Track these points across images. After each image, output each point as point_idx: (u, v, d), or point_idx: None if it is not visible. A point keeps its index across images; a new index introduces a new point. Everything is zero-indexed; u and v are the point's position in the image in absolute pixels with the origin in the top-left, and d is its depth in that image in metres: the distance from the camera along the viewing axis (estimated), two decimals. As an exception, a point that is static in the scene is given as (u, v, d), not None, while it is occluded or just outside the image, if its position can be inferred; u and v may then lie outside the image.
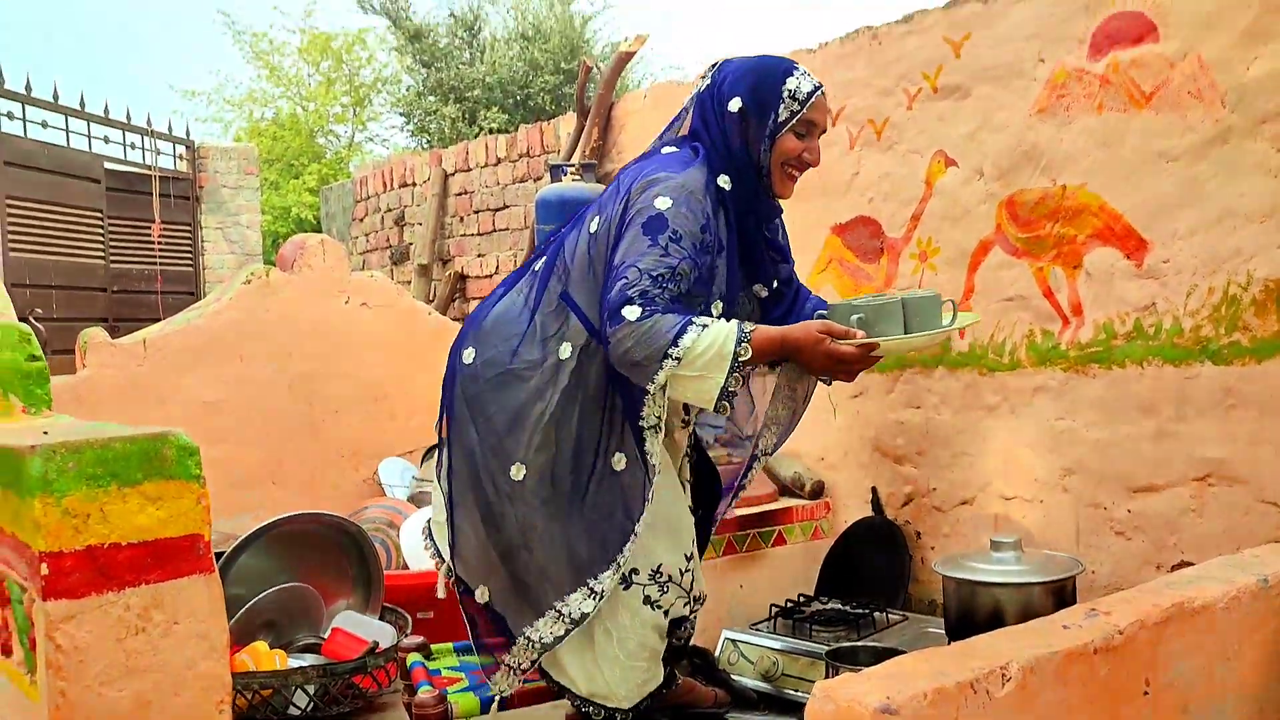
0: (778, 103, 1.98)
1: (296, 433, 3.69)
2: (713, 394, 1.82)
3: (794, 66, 2.03)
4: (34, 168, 5.91)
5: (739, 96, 2.00)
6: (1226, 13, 2.50)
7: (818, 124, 2.02)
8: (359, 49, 16.49)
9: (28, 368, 1.53)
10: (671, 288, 1.85)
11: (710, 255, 1.93)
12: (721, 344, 1.80)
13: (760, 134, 1.99)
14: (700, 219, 1.90)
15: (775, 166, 2.02)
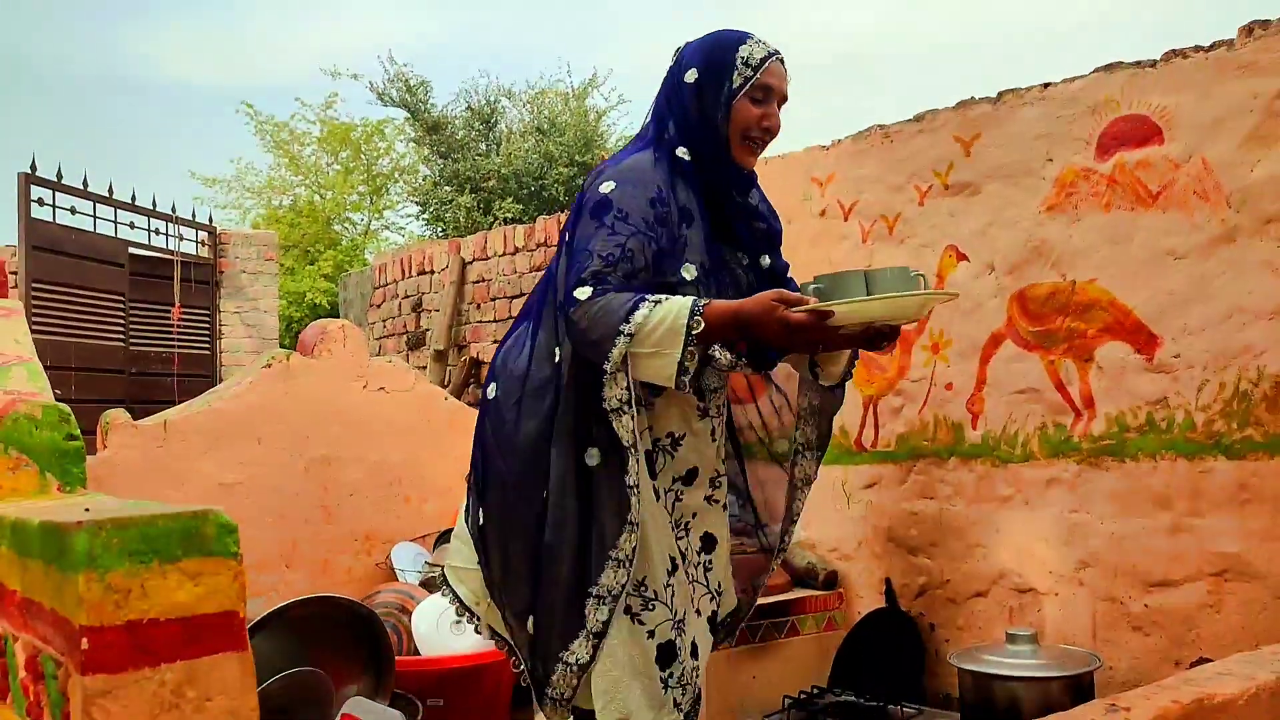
0: (731, 70, 1.94)
1: (311, 516, 3.71)
2: (670, 370, 1.76)
3: (748, 35, 1.99)
4: (60, 252, 6.03)
5: (694, 68, 1.98)
6: (1229, 118, 2.58)
7: (774, 89, 1.96)
8: (377, 139, 16.85)
9: (65, 446, 1.57)
10: (625, 266, 1.82)
11: (669, 227, 1.88)
12: (674, 318, 1.74)
13: (716, 102, 1.95)
14: (649, 193, 1.87)
15: (735, 135, 1.96)
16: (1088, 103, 2.87)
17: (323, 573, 3.72)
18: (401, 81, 14.20)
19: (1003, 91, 3.11)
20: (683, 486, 2.03)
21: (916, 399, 3.27)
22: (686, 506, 2.05)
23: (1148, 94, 2.74)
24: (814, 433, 2.21)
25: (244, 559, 1.20)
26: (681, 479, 2.03)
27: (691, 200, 1.94)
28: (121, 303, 6.53)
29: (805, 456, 2.21)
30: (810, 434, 2.21)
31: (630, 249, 1.82)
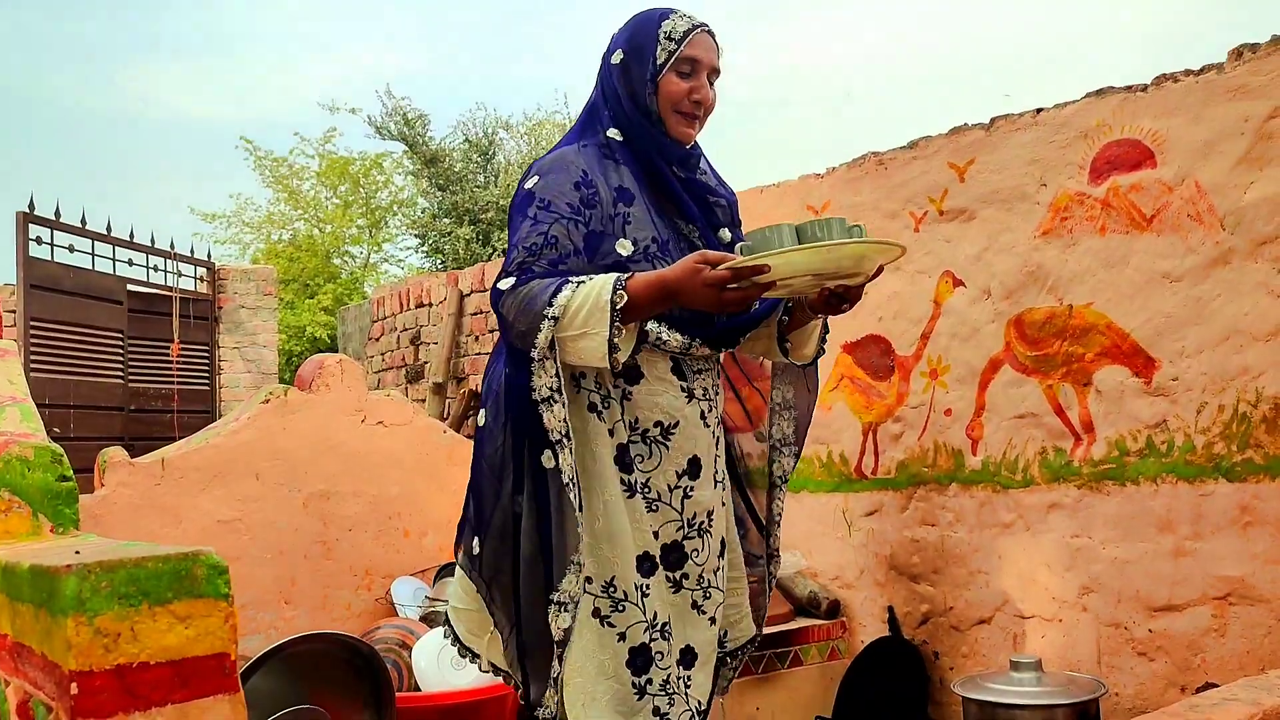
0: (655, 46, 1.90)
1: (310, 551, 3.69)
2: (601, 350, 1.69)
3: (672, 11, 1.95)
4: (59, 290, 6.04)
5: (620, 48, 1.95)
6: (1220, 141, 2.58)
7: (700, 61, 1.91)
8: (376, 173, 16.93)
9: (58, 488, 1.56)
10: (549, 253, 1.78)
11: (599, 208, 1.84)
12: (598, 295, 1.69)
13: (642, 79, 1.91)
14: (572, 178, 1.84)
15: (665, 111, 1.91)
16: (1080, 127, 2.88)
17: (322, 608, 3.70)
18: (400, 115, 14.29)
19: (995, 117, 3.12)
20: (690, 481, 1.92)
21: (916, 425, 3.27)
22: (699, 504, 1.93)
23: (1139, 118, 2.75)
24: (790, 426, 2.12)
25: (242, 596, 1.19)
26: (686, 472, 1.91)
27: (629, 179, 1.90)
28: (120, 340, 6.53)
29: (782, 452, 2.12)
30: (786, 428, 2.13)
31: (554, 235, 1.79)
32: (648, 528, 1.88)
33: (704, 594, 1.95)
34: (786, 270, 1.68)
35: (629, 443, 1.87)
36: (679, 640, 1.92)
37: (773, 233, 1.72)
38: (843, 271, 1.74)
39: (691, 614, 1.94)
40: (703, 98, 1.92)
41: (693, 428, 1.92)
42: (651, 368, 1.88)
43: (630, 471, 1.87)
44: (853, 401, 3.45)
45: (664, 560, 1.90)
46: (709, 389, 1.97)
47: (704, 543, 1.94)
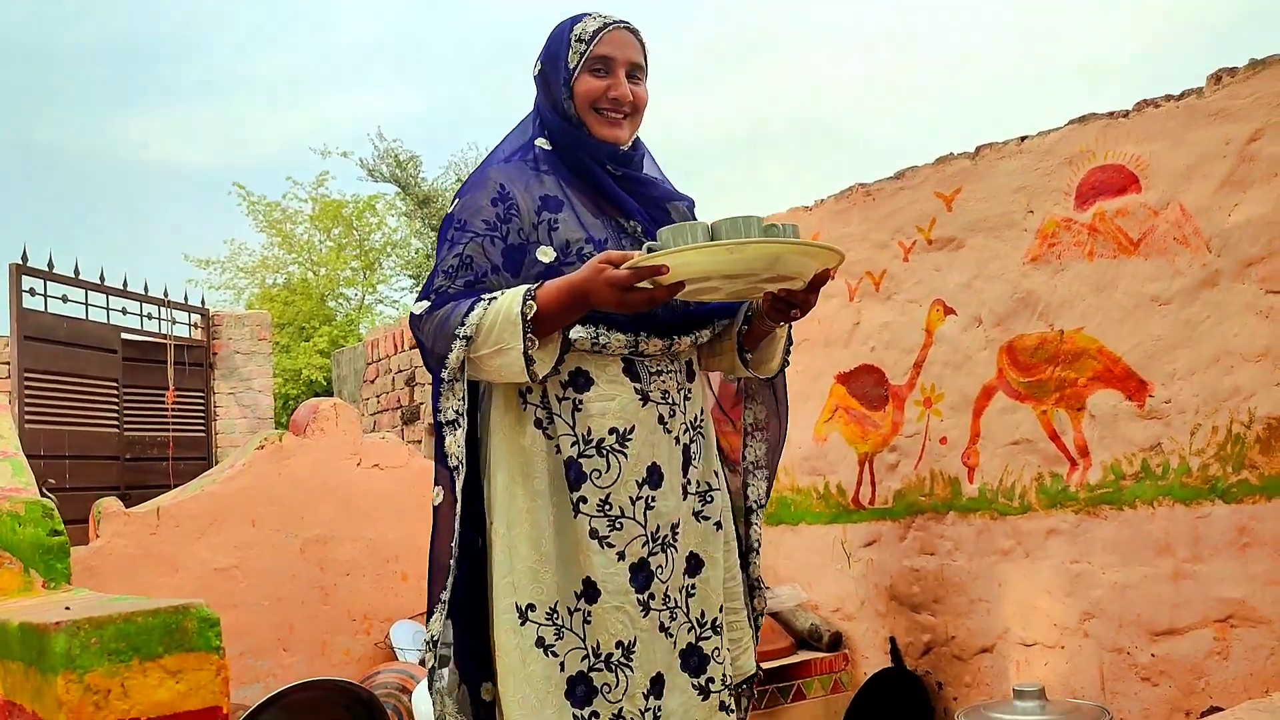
0: (567, 50, 1.87)
1: (308, 597, 3.68)
2: (519, 364, 1.64)
3: (588, 13, 1.91)
4: (53, 341, 6.04)
5: (539, 59, 1.94)
6: (1203, 165, 2.60)
7: (614, 58, 1.86)
8: (369, 215, 17.01)
9: (49, 542, 1.55)
10: (465, 274, 1.75)
11: (517, 220, 1.80)
12: (508, 309, 1.65)
13: (559, 84, 1.88)
14: (489, 194, 1.80)
15: (584, 111, 1.87)
16: (1064, 154, 2.90)
17: (321, 654, 3.68)
18: (391, 157, 14.39)
19: (980, 146, 3.14)
20: (651, 490, 1.81)
21: (912, 454, 3.26)
22: (662, 515, 1.82)
23: (1122, 143, 2.77)
24: (762, 448, 2.05)
25: (240, 643, 1.19)
26: (646, 481, 1.81)
27: (556, 186, 1.86)
28: (115, 388, 6.53)
29: (755, 476, 2.04)
30: (759, 450, 2.05)
31: (469, 254, 1.76)
32: (598, 550, 1.77)
33: (670, 615, 1.83)
34: (688, 271, 1.59)
35: (580, 457, 1.78)
36: (648, 667, 1.80)
37: (682, 231, 1.62)
38: (760, 273, 1.63)
39: (659, 637, 1.82)
40: (620, 94, 1.87)
41: (650, 433, 1.82)
42: (602, 372, 1.80)
43: (578, 489, 1.77)
44: (848, 432, 3.45)
45: (634, 581, 1.78)
46: (670, 392, 1.85)
47: (668, 558, 1.83)
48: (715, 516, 1.91)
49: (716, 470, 1.93)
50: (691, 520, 1.88)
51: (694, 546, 1.88)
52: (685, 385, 1.90)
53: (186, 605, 1.19)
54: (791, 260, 1.63)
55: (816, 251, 1.65)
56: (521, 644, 1.74)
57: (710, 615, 1.88)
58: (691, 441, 1.88)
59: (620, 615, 1.77)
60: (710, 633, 1.86)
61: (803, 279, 1.69)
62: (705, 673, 1.85)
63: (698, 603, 1.87)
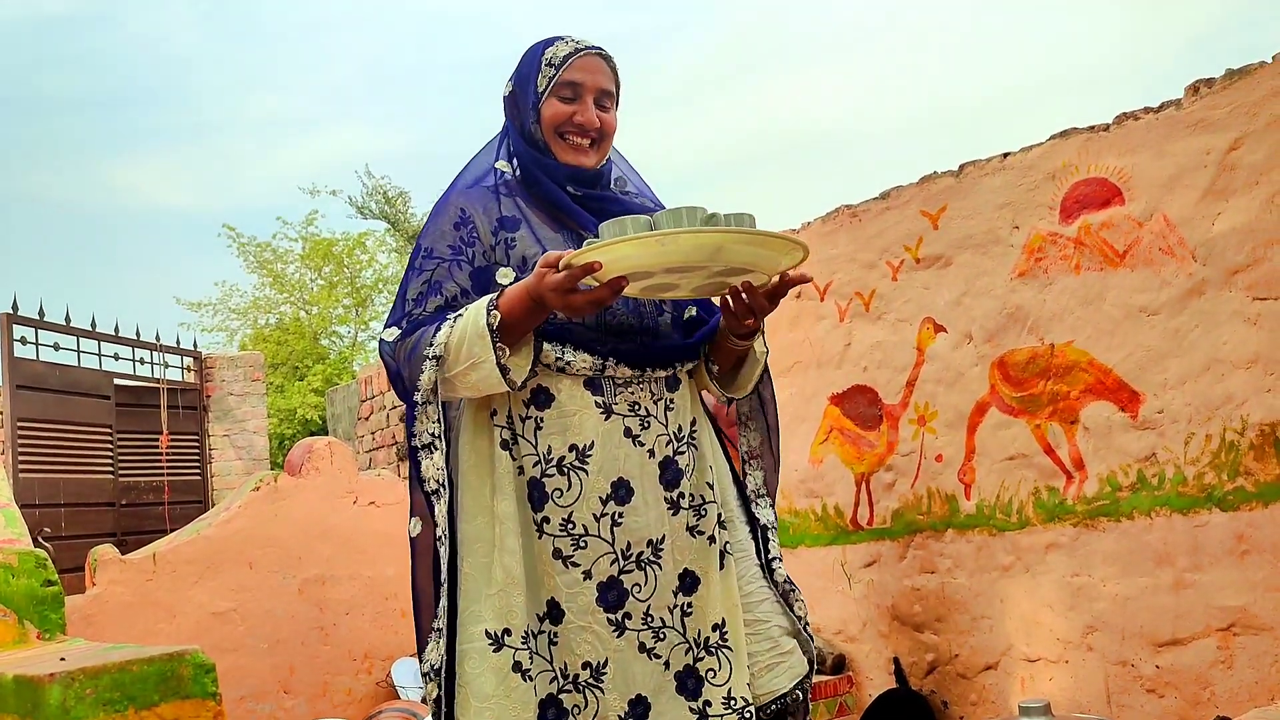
0: (537, 73, 1.86)
1: (307, 638, 3.65)
2: (494, 375, 1.62)
3: (560, 37, 1.89)
4: (45, 389, 6.03)
5: (510, 81, 1.93)
6: (1185, 175, 2.62)
7: (582, 84, 1.85)
8: (359, 252, 17.04)
9: (43, 593, 1.54)
10: (435, 298, 1.76)
11: (478, 244, 1.80)
12: (474, 322, 1.63)
13: (527, 107, 1.87)
14: (452, 219, 1.81)
15: (551, 137, 1.86)
16: (1047, 169, 2.92)
17: (322, 695, 3.65)
18: (380, 194, 14.44)
19: (964, 164, 3.16)
20: (618, 507, 1.74)
21: (908, 473, 3.26)
22: (634, 532, 1.75)
23: (1104, 156, 2.79)
24: (760, 475, 1.98)
25: (240, 687, 1.17)
26: (611, 497, 1.75)
27: (515, 207, 1.86)
28: (109, 435, 6.51)
29: (759, 505, 1.97)
30: (758, 479, 1.98)
31: (437, 279, 1.77)
32: (562, 570, 1.73)
33: (654, 635, 1.76)
34: (624, 265, 1.51)
35: (543, 477, 1.75)
36: (624, 689, 1.74)
37: (621, 224, 1.54)
38: (709, 265, 1.54)
39: (640, 659, 1.75)
40: (585, 120, 1.85)
41: (614, 447, 1.76)
42: (562, 388, 1.76)
43: (541, 509, 1.74)
44: (844, 453, 3.45)
45: (602, 600, 1.73)
46: (640, 403, 1.79)
47: (648, 576, 1.75)
48: (709, 531, 1.81)
49: (710, 482, 1.84)
50: (684, 535, 1.79)
51: (688, 563, 1.79)
52: (665, 395, 1.82)
53: (182, 652, 1.19)
54: (738, 250, 1.51)
55: (766, 240, 1.52)
56: (499, 669, 1.70)
57: (705, 635, 1.78)
58: (677, 454, 1.80)
59: (587, 635, 1.73)
60: (704, 653, 1.77)
61: (763, 272, 1.60)
62: (701, 696, 1.76)
63: (695, 622, 1.78)
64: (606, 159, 1.93)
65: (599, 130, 1.86)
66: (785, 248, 1.56)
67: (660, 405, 1.80)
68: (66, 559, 4.90)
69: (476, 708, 1.70)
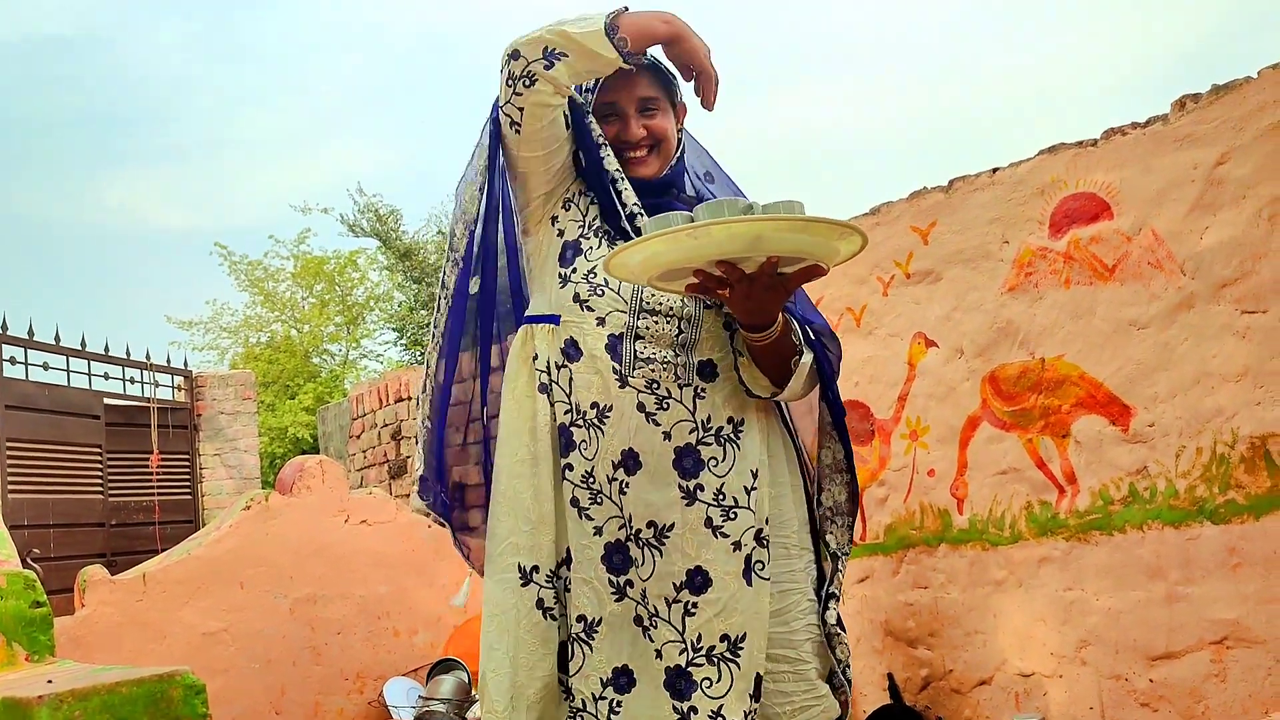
0: (580, 91, 1.86)
1: (299, 658, 3.63)
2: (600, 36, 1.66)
3: None
4: (34, 409, 6.00)
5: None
6: (1172, 190, 2.63)
7: (618, 101, 1.85)
8: (351, 270, 17.02)
9: (31, 614, 1.53)
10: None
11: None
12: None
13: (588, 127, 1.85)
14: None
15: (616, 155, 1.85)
16: (1036, 184, 2.93)
17: (314, 716, 3.63)
18: (372, 211, 14.43)
19: (953, 179, 3.18)
20: (626, 476, 1.72)
21: (900, 488, 3.26)
22: (638, 505, 1.71)
23: (1092, 172, 2.80)
24: (844, 493, 1.88)
25: (231, 709, 1.17)
26: (621, 464, 1.72)
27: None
28: (99, 454, 6.48)
29: (835, 524, 1.87)
30: (838, 494, 1.88)
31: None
32: (576, 520, 1.74)
33: (650, 618, 1.71)
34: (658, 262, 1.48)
35: (571, 426, 1.76)
36: (610, 654, 1.71)
37: (663, 220, 1.47)
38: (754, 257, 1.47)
39: (633, 630, 1.71)
40: (628, 136, 1.84)
41: (627, 418, 1.73)
42: (587, 346, 1.76)
43: (567, 455, 1.75)
44: (836, 468, 3.45)
45: (607, 560, 1.72)
46: (660, 382, 1.74)
47: (647, 557, 1.71)
48: (735, 536, 1.71)
49: (748, 486, 1.73)
50: (702, 531, 1.71)
51: (701, 561, 1.70)
52: (695, 382, 1.75)
53: (172, 673, 1.18)
54: (781, 239, 1.43)
55: (809, 225, 1.43)
56: (520, 604, 1.73)
57: (709, 642, 1.69)
58: (701, 443, 1.73)
59: (587, 589, 1.72)
60: (703, 659, 1.69)
61: (819, 260, 1.50)
62: (689, 700, 1.68)
63: (697, 624, 1.69)
64: (677, 163, 1.89)
65: (648, 139, 1.85)
66: (835, 233, 1.44)
67: (687, 390, 1.75)
68: (56, 580, 4.87)
69: (501, 637, 1.74)
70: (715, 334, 1.77)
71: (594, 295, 1.75)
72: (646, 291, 1.73)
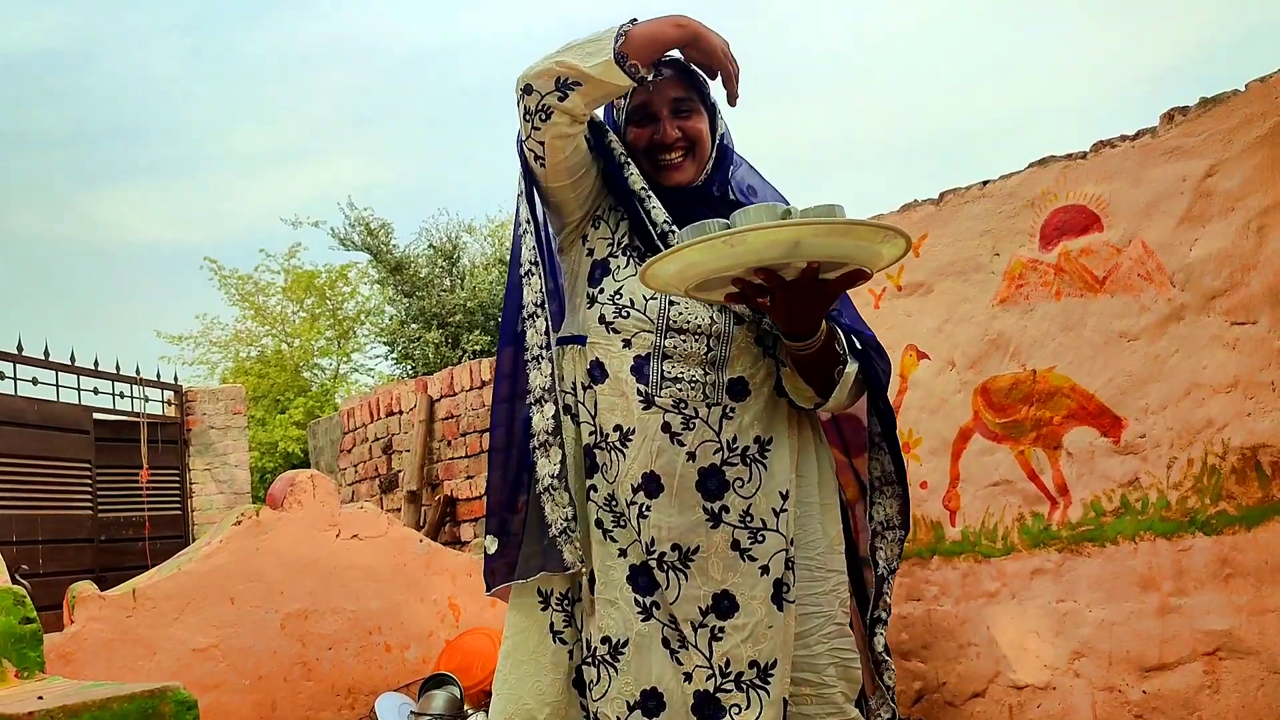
0: (612, 110, 1.84)
1: (290, 674, 3.61)
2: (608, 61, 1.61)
3: None
4: (23, 424, 5.98)
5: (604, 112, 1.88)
6: (1161, 202, 2.65)
7: (650, 103, 1.79)
8: (342, 284, 17.00)
9: (21, 631, 1.52)
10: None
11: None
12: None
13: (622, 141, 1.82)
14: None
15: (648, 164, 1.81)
16: (1026, 197, 2.94)
17: (305, 733, 3.60)
18: (363, 225, 14.39)
19: (944, 192, 3.19)
20: (647, 499, 1.68)
21: (892, 500, 3.26)
22: (659, 529, 1.67)
23: (1082, 184, 2.82)
24: (894, 505, 1.84)
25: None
26: (641, 488, 1.68)
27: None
28: (88, 470, 6.45)
29: (885, 539, 1.84)
30: (890, 508, 1.84)
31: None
32: (600, 541, 1.71)
33: (680, 640, 1.67)
34: (695, 272, 1.44)
35: (595, 447, 1.73)
36: (641, 675, 1.67)
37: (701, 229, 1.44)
38: (793, 263, 1.42)
39: (663, 653, 1.67)
40: (661, 137, 1.78)
41: (651, 440, 1.68)
42: (613, 368, 1.72)
43: (592, 477, 1.73)
44: (828, 481, 3.45)
45: (633, 580, 1.69)
46: (688, 402, 1.69)
47: (670, 581, 1.67)
48: (763, 560, 1.66)
49: (775, 509, 1.69)
50: (728, 554, 1.67)
51: (728, 585, 1.66)
52: (725, 401, 1.70)
53: (163, 689, 1.17)
54: (820, 244, 1.39)
55: (849, 229, 1.38)
56: (541, 627, 1.73)
57: (737, 668, 1.64)
58: (726, 464, 1.68)
59: (613, 610, 1.69)
60: (732, 685, 1.64)
61: (861, 265, 1.45)
62: None
63: (724, 650, 1.65)
64: (715, 171, 1.84)
65: (684, 140, 1.79)
66: (877, 236, 1.40)
67: (715, 410, 1.70)
68: (45, 597, 4.84)
69: (516, 660, 1.73)
70: (747, 350, 1.73)
71: (619, 317, 1.72)
72: (674, 310, 1.70)
